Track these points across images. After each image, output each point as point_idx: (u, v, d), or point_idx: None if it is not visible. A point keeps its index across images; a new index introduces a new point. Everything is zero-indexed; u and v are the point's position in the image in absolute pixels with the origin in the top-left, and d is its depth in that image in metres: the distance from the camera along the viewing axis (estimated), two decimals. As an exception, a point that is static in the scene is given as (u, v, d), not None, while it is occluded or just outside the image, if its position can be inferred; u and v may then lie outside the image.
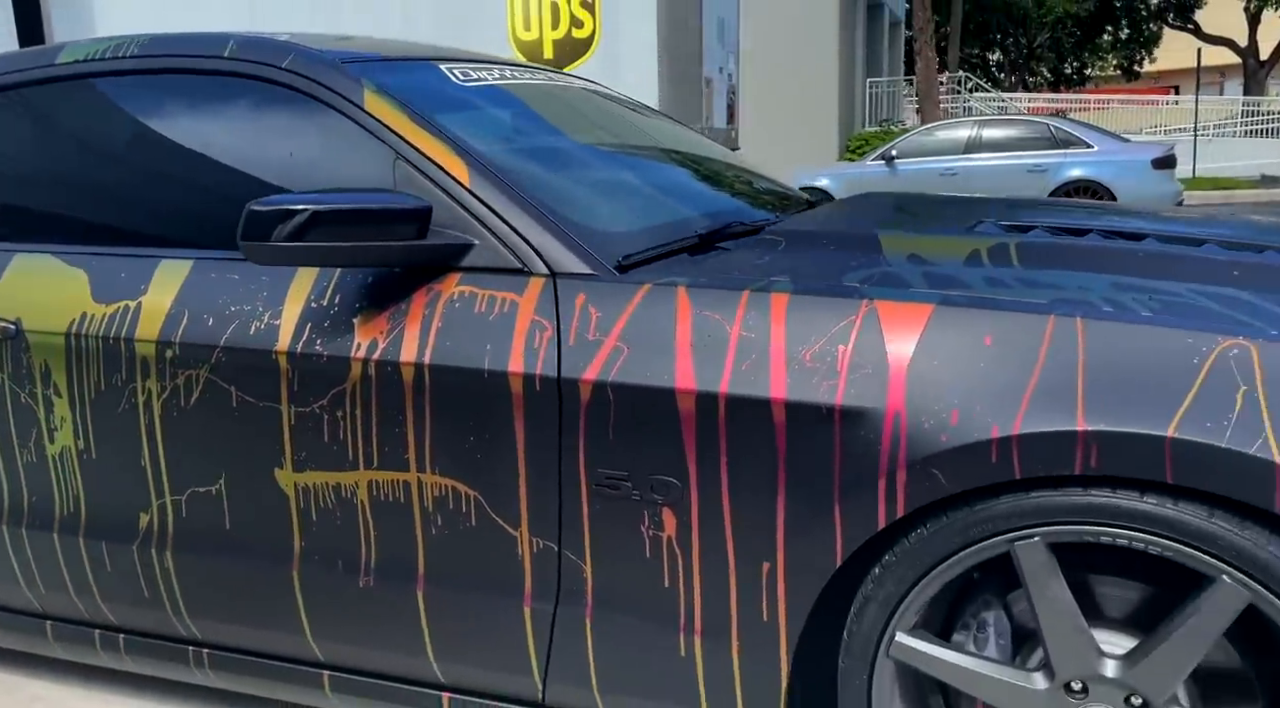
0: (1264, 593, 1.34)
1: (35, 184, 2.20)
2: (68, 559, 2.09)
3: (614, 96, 2.86)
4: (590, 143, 2.35)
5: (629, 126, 2.60)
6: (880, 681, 1.57)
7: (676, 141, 2.70)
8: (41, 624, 2.22)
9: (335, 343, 1.80)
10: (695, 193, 2.37)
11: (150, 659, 2.13)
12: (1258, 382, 1.37)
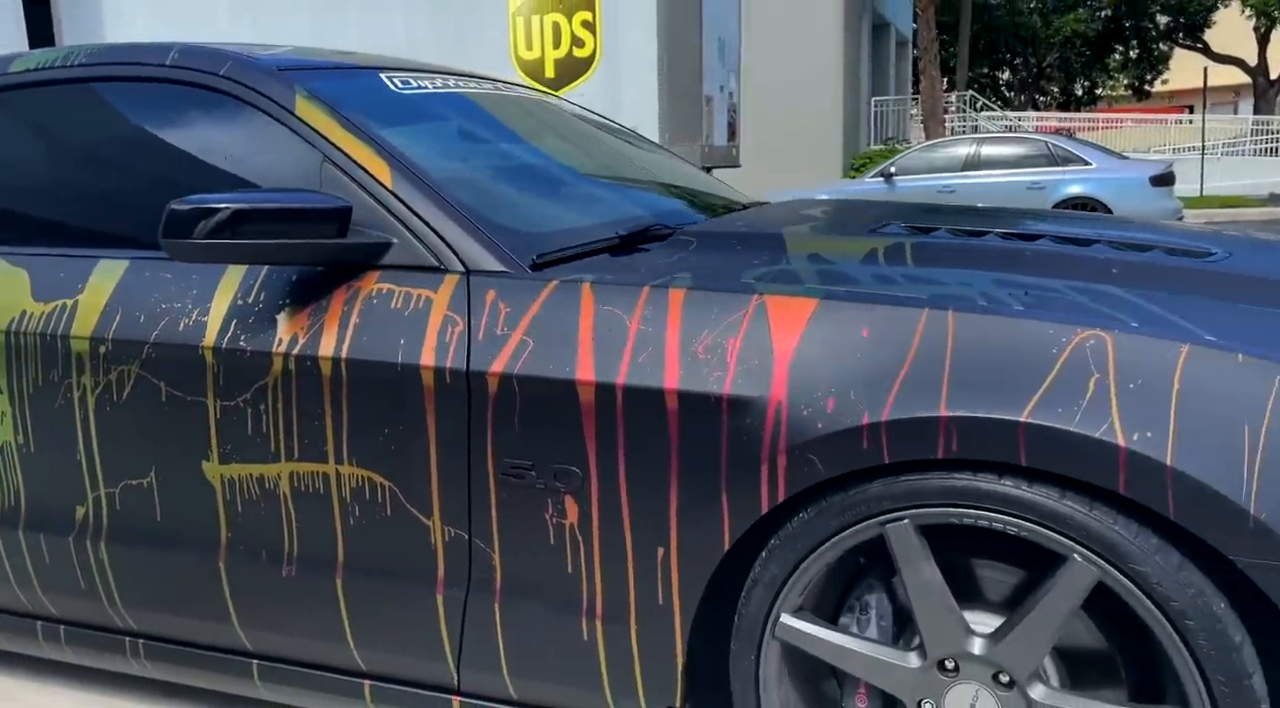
0: (1112, 571, 1.38)
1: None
2: (9, 552, 2.15)
3: (567, 108, 2.92)
4: (526, 150, 2.42)
5: (574, 135, 2.67)
6: (767, 661, 1.61)
7: (620, 151, 2.76)
8: (-11, 617, 2.28)
9: (258, 338, 1.86)
10: (626, 197, 2.43)
11: (89, 650, 2.19)
12: (1110, 370, 1.41)
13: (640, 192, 2.53)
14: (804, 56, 18.58)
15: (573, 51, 9.16)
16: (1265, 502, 1.32)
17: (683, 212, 2.39)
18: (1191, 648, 1.36)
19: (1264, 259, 1.91)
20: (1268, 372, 1.38)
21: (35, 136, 2.27)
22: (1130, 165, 12.65)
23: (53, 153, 2.23)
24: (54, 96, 2.25)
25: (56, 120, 2.24)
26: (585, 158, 2.57)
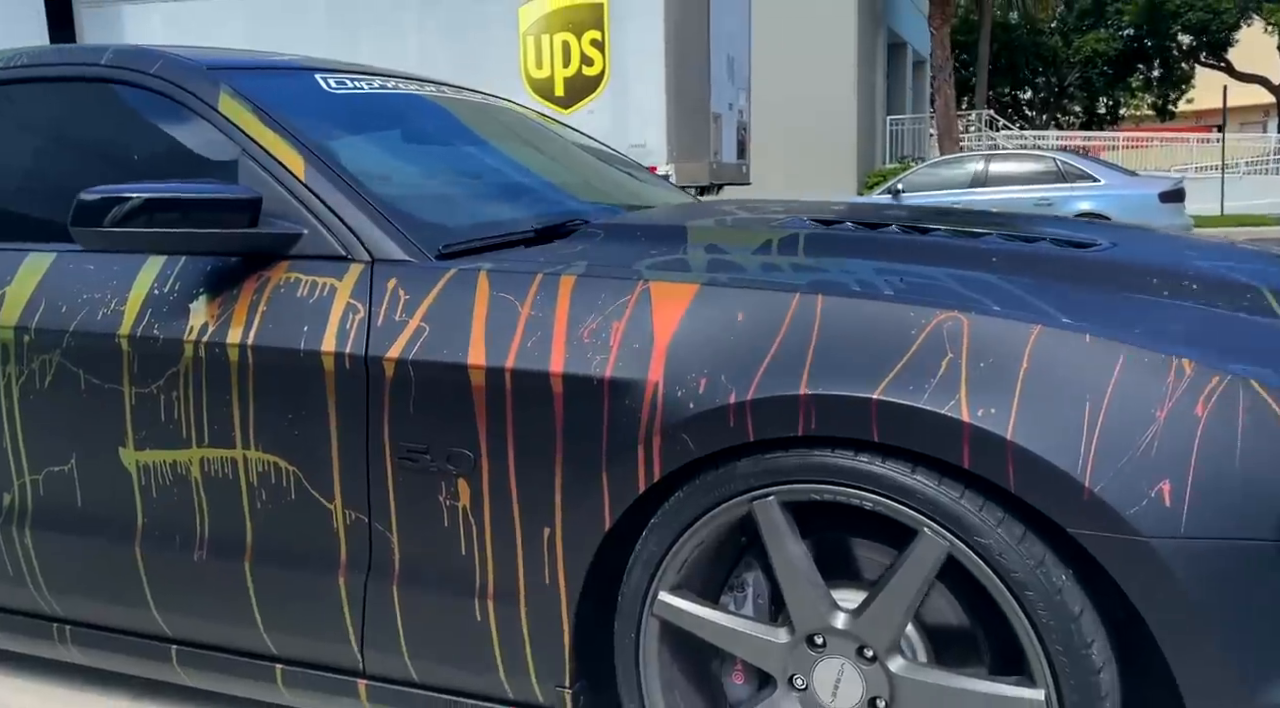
0: (959, 544, 1.39)
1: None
2: (-57, 538, 2.20)
3: (517, 112, 2.97)
4: (453, 148, 2.46)
5: (512, 137, 2.71)
6: (647, 639, 1.63)
7: (559, 152, 2.80)
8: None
9: (171, 327, 1.91)
10: (550, 194, 2.47)
11: (23, 637, 2.23)
12: (964, 350, 1.43)
13: (568, 189, 2.57)
14: (819, 75, 18.65)
15: (582, 70, 9.25)
16: (1099, 476, 1.33)
17: (608, 208, 2.42)
18: (1032, 618, 1.37)
19: (1147, 249, 1.92)
20: (1114, 352, 1.39)
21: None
22: (1139, 182, 12.60)
23: (-8, 150, 2.30)
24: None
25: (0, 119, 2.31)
26: (518, 158, 2.61)
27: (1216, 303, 1.61)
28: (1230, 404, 1.35)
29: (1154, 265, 1.75)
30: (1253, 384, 1.36)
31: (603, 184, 2.73)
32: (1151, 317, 1.53)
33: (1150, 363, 1.39)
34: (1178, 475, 1.33)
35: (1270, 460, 1.33)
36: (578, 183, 2.66)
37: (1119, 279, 1.68)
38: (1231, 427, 1.34)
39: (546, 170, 2.65)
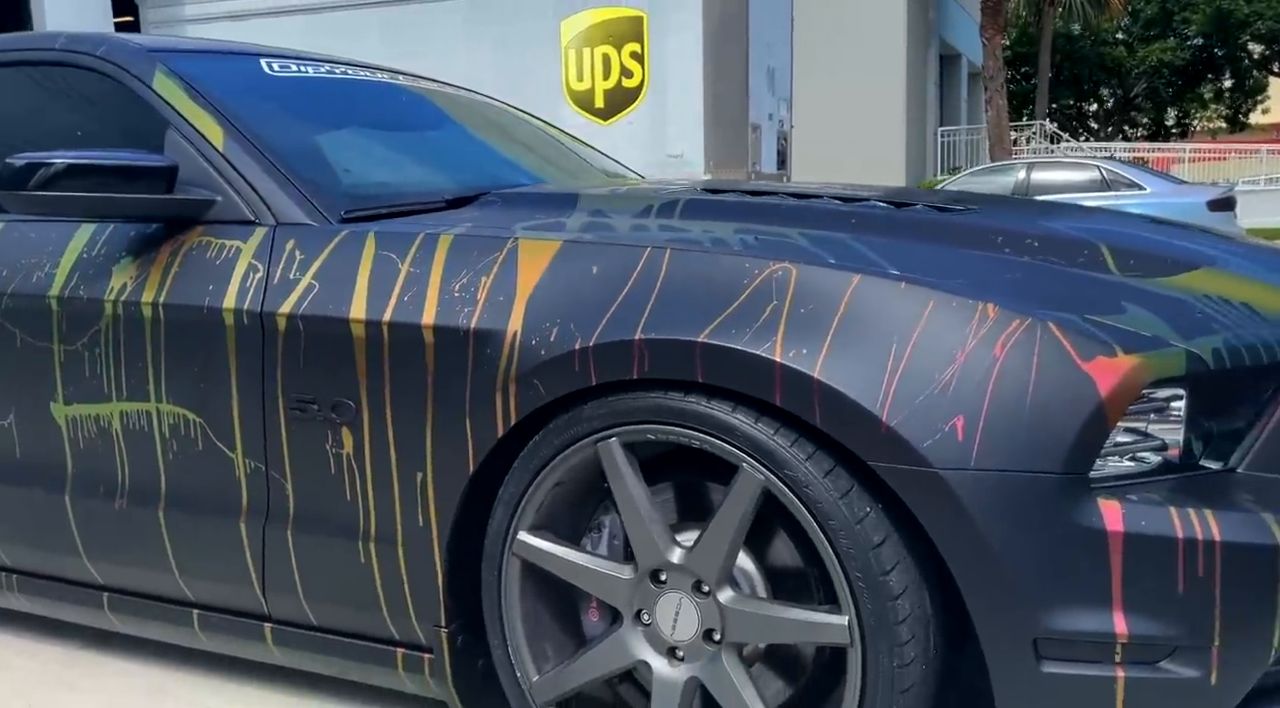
0: (773, 478, 1.45)
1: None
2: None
3: (476, 101, 3.08)
4: (387, 127, 2.57)
5: (461, 121, 2.82)
6: (509, 577, 1.71)
7: (509, 135, 2.91)
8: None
9: (95, 288, 2.04)
10: (472, 170, 2.56)
11: (-24, 586, 2.38)
12: (788, 297, 1.50)
13: (501, 167, 2.67)
14: (866, 86, 18.59)
15: (621, 82, 9.37)
16: (896, 412, 1.39)
17: (525, 181, 2.51)
18: (835, 547, 1.43)
19: (1008, 215, 1.96)
20: (924, 298, 1.45)
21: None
22: (1187, 190, 12.38)
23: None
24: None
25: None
26: (454, 138, 2.72)
27: (1050, 258, 1.65)
28: (1027, 346, 1.40)
29: (1004, 227, 1.80)
30: (1050, 328, 1.41)
31: (544, 164, 2.83)
32: (979, 269, 1.59)
33: (958, 308, 1.44)
34: (972, 412, 1.38)
35: (1060, 399, 1.37)
36: (517, 163, 2.76)
37: (966, 238, 1.73)
38: (1026, 367, 1.39)
39: (482, 150, 2.75)
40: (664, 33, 9.05)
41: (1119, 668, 1.37)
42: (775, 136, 10.61)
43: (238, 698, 2.15)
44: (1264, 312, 1.56)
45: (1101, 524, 1.36)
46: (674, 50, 9.01)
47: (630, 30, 9.24)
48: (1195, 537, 1.35)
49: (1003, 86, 20.75)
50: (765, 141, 10.17)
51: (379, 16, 9.91)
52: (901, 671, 1.42)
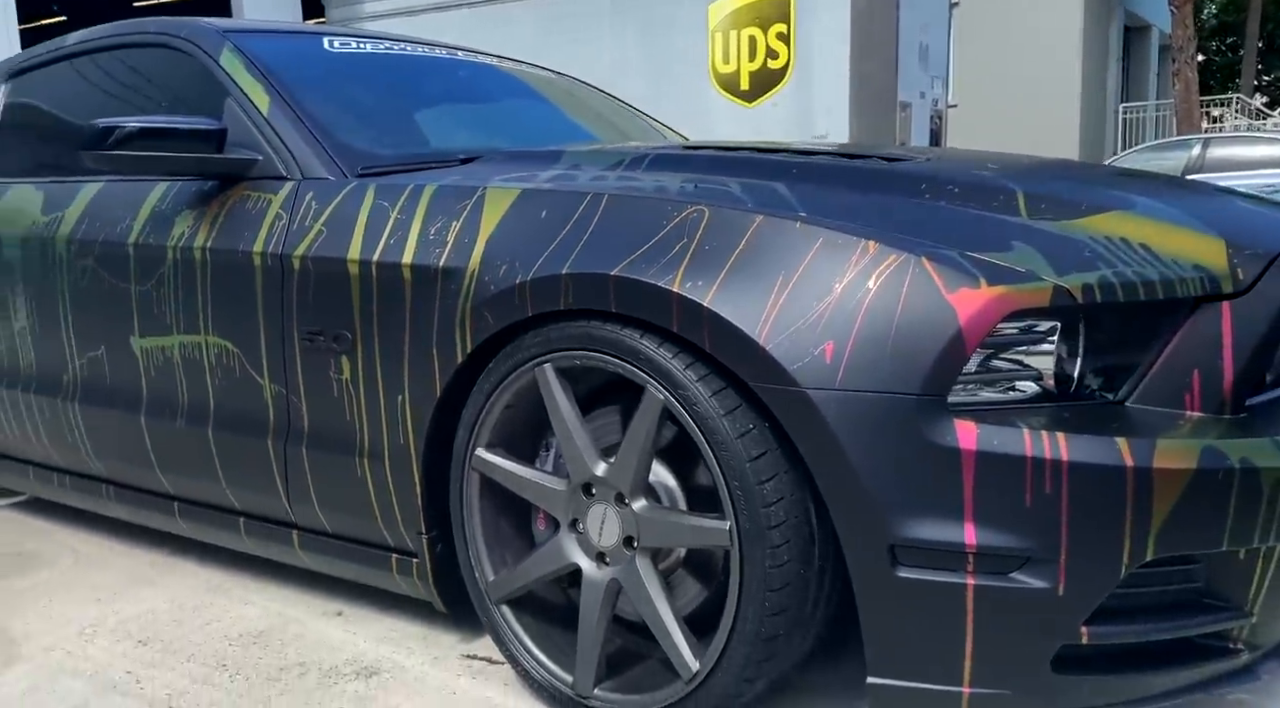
0: (670, 397, 1.61)
1: (34, 136, 2.94)
2: (27, 412, 2.77)
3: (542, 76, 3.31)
4: (425, 98, 2.82)
5: (510, 94, 3.06)
6: (470, 489, 1.93)
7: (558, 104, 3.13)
8: (26, 468, 2.93)
9: (161, 235, 2.36)
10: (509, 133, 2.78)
11: (80, 495, 2.78)
12: (698, 236, 1.65)
13: (537, 131, 2.88)
14: (1038, 62, 17.93)
15: (767, 63, 9.46)
16: (772, 337, 1.52)
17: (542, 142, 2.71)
18: (719, 459, 1.58)
19: (951, 164, 2.03)
20: (814, 235, 1.57)
21: (59, 95, 2.91)
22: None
23: (68, 105, 2.86)
24: (83, 63, 2.88)
25: (70, 82, 2.87)
26: (498, 106, 2.96)
27: (965, 202, 1.74)
28: (899, 279, 1.51)
29: (934, 175, 1.88)
30: (923, 262, 1.51)
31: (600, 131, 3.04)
32: (887, 211, 1.69)
33: (842, 244, 1.57)
34: (841, 338, 1.51)
35: (922, 327, 1.48)
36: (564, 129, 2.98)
37: (894, 185, 1.82)
38: (895, 298, 1.51)
39: (527, 118, 2.98)
40: (812, 12, 9.06)
41: (970, 576, 1.48)
42: (928, 115, 10.45)
43: (277, 598, 2.45)
44: (1161, 252, 1.62)
45: (955, 442, 1.46)
46: (821, 29, 9.00)
47: (777, 11, 9.28)
48: (1044, 456, 1.44)
49: (1192, 58, 19.58)
50: (916, 120, 10.02)
51: (533, 7, 10.28)
52: (774, 571, 1.56)
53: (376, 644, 2.17)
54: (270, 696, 1.97)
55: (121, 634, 2.28)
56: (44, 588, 2.59)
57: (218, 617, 2.36)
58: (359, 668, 2.06)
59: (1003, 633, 1.49)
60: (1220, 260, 1.62)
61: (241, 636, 2.25)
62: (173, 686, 2.02)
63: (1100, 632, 1.50)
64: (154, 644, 2.22)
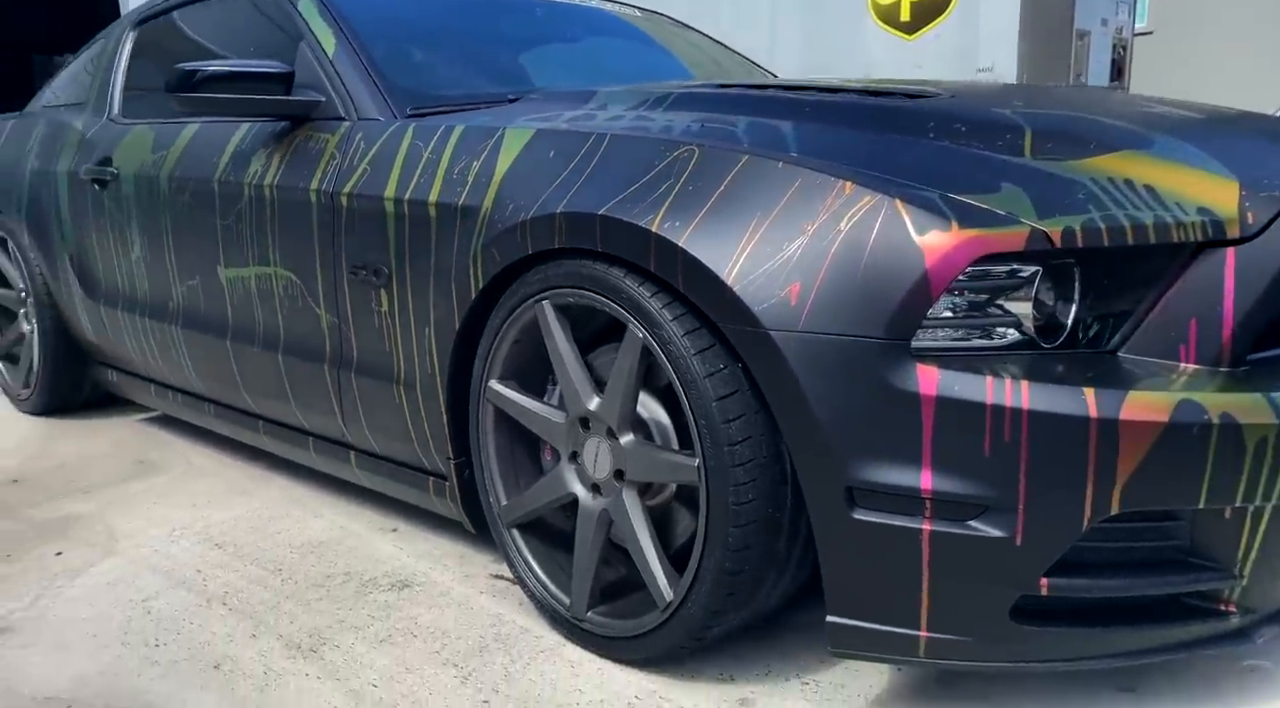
0: (648, 337, 1.64)
1: (151, 80, 3.16)
2: (144, 334, 3.03)
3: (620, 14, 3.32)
4: (494, 38, 2.86)
5: (592, 34, 3.09)
6: (485, 417, 2.01)
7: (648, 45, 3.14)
8: (148, 386, 3.21)
9: (239, 173, 2.53)
10: (578, 73, 2.81)
11: (189, 411, 3.03)
12: (684, 176, 1.66)
13: (611, 70, 2.90)
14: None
15: (930, -8, 9.09)
16: (741, 277, 1.53)
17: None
18: (689, 396, 1.60)
19: (967, 101, 1.93)
20: (794, 176, 1.56)
21: (172, 42, 3.11)
22: None
23: (178, 51, 3.07)
24: (186, 15, 3.08)
25: (183, 30, 3.06)
26: (560, 49, 2.98)
27: (969, 141, 1.68)
28: (870, 221, 1.49)
29: (946, 112, 1.81)
30: (896, 204, 1.48)
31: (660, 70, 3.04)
32: (883, 151, 1.64)
33: (820, 185, 1.55)
34: (808, 279, 1.50)
35: (890, 270, 1.46)
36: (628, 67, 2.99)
37: (901, 123, 1.77)
38: (864, 240, 1.48)
39: (605, 57, 3.00)
40: (981, -65, 8.64)
41: (926, 521, 1.47)
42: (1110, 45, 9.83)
43: (345, 512, 2.63)
44: (1165, 194, 1.53)
45: (915, 387, 1.44)
46: (990, -47, 8.58)
47: (943, -67, 8.88)
48: (1004, 404, 1.41)
49: None
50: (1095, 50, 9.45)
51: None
52: (738, 508, 1.58)
53: (417, 560, 2.31)
54: (311, 599, 2.13)
55: (204, 538, 2.49)
56: (154, 493, 2.85)
57: (289, 527, 2.55)
58: (394, 580, 2.21)
59: (960, 580, 1.48)
60: (1230, 204, 1.52)
61: (303, 545, 2.43)
62: (231, 585, 2.21)
63: (1062, 584, 1.46)
64: (228, 548, 2.43)
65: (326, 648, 1.92)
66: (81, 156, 3.24)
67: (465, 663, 1.84)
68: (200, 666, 1.88)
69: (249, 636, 1.98)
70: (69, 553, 2.44)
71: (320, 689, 1.77)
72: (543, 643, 1.91)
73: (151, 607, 2.13)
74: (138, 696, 1.78)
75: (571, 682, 1.77)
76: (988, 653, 1.52)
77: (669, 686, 1.75)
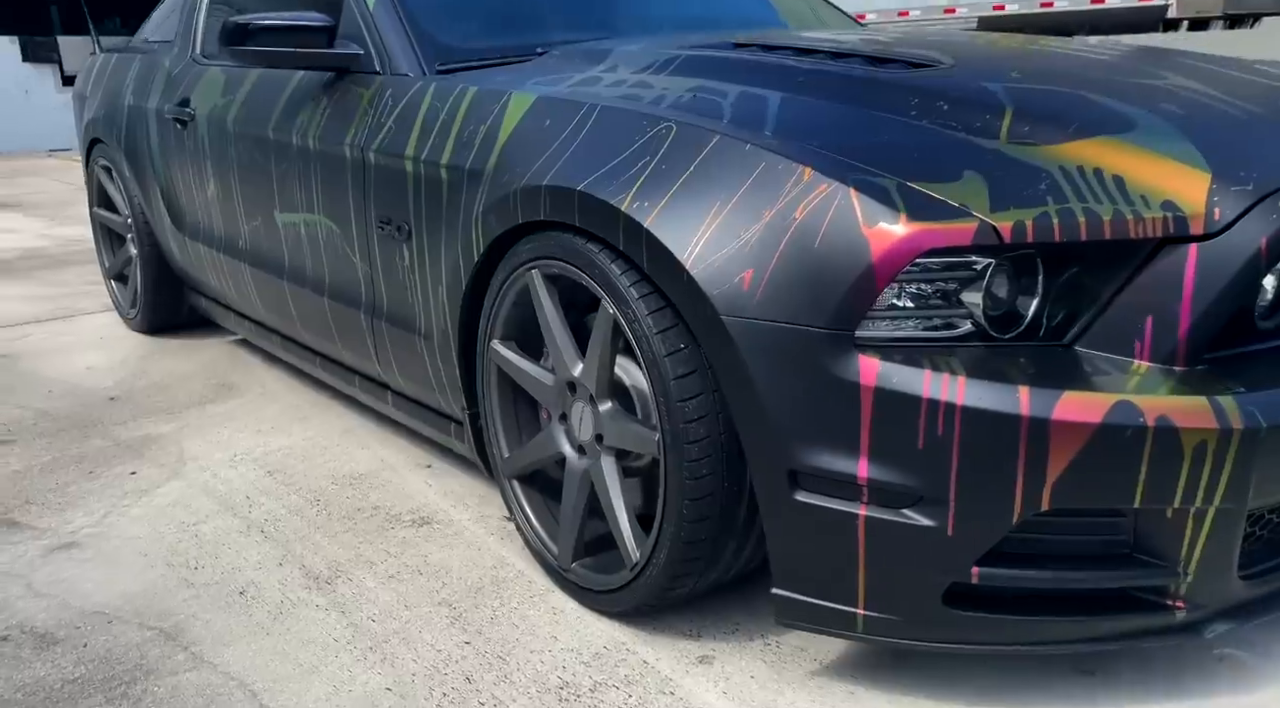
0: (617, 313, 1.70)
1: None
2: (219, 267, 3.23)
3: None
4: None
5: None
6: (489, 374, 2.11)
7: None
8: (228, 313, 3.43)
9: (289, 123, 2.65)
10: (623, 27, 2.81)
11: (261, 339, 3.23)
12: (660, 153, 1.69)
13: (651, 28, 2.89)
14: None
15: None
16: (699, 261, 1.56)
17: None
18: (649, 374, 1.66)
19: (976, 74, 1.88)
20: (758, 159, 1.57)
21: None
22: None
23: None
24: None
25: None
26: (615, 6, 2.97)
27: (946, 121, 1.65)
28: (824, 208, 1.50)
29: (932, 87, 1.78)
30: (850, 193, 1.49)
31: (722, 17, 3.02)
32: (856, 131, 1.64)
33: (782, 170, 1.57)
34: (761, 266, 1.53)
35: (838, 260, 1.47)
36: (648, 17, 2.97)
37: (884, 101, 1.75)
38: (817, 228, 1.50)
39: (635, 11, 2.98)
40: None
41: (863, 507, 1.51)
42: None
43: (389, 445, 2.80)
44: (1132, 186, 1.50)
45: (856, 378, 1.47)
46: None
47: None
48: (939, 398, 1.43)
49: None
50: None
51: None
52: (693, 482, 1.65)
53: (443, 498, 2.46)
54: (338, 531, 2.30)
55: (260, 464, 2.70)
56: (227, 416, 3.07)
57: (336, 457, 2.73)
58: (417, 517, 2.36)
59: (894, 563, 1.52)
60: (1198, 198, 1.48)
61: (345, 476, 2.60)
62: (271, 513, 2.40)
63: (995, 574, 1.49)
64: (278, 476, 2.62)
65: (340, 581, 2.08)
66: (166, 95, 3.42)
67: (459, 603, 1.98)
68: (227, 590, 2.06)
69: (276, 564, 2.16)
70: (142, 473, 2.68)
71: (326, 620, 1.94)
72: (534, 588, 2.03)
73: (200, 531, 2.33)
74: (167, 615, 1.98)
75: (550, 629, 1.89)
76: (922, 633, 1.56)
77: (637, 638, 1.85)
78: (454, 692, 1.70)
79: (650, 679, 1.72)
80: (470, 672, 1.76)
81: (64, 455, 2.81)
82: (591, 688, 1.70)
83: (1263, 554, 1.59)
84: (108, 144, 3.90)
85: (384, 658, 1.81)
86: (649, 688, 1.70)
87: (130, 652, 1.86)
